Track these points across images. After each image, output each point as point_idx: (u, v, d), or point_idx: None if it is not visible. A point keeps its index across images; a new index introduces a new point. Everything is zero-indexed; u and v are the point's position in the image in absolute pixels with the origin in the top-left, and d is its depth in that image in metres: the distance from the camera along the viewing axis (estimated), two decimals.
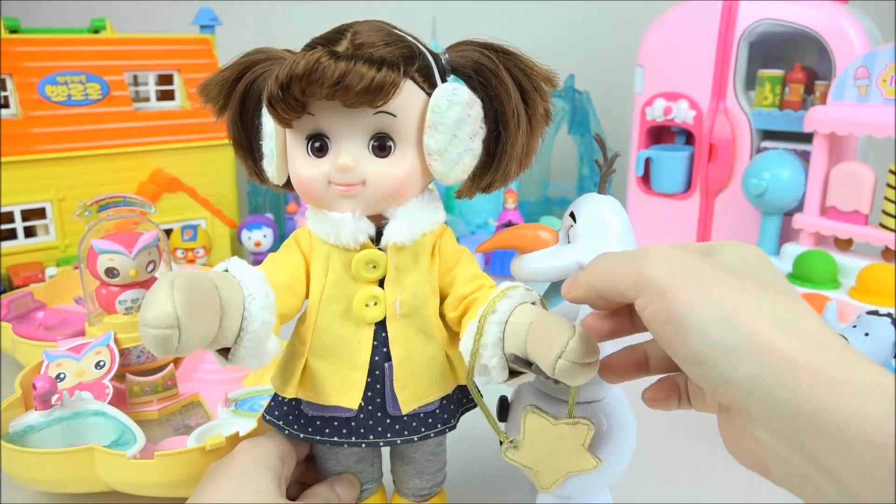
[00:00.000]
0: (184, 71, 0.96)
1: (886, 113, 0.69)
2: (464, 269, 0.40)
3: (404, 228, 0.37)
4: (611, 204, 0.42)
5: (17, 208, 0.83)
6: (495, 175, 0.39)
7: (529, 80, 0.37)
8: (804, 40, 0.81)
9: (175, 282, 0.31)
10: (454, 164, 0.37)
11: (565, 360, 0.32)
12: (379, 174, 0.36)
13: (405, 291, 0.39)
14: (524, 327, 0.35)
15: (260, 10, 1.23)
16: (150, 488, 0.46)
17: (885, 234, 0.70)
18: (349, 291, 0.38)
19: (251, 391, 0.58)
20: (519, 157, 0.39)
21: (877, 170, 0.73)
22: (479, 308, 0.38)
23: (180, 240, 0.88)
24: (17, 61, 0.85)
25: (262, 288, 0.36)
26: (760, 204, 0.81)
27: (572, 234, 0.42)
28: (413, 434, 0.40)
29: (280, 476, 0.40)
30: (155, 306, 0.31)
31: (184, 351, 0.32)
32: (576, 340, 0.32)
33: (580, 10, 1.33)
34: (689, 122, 0.88)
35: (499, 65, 0.37)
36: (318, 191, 0.37)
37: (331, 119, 0.36)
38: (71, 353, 0.54)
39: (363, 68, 0.32)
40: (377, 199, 0.37)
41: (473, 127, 0.37)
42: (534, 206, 1.15)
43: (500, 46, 0.38)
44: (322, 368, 0.40)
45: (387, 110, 0.35)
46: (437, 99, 0.36)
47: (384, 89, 0.33)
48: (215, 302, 0.33)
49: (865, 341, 0.49)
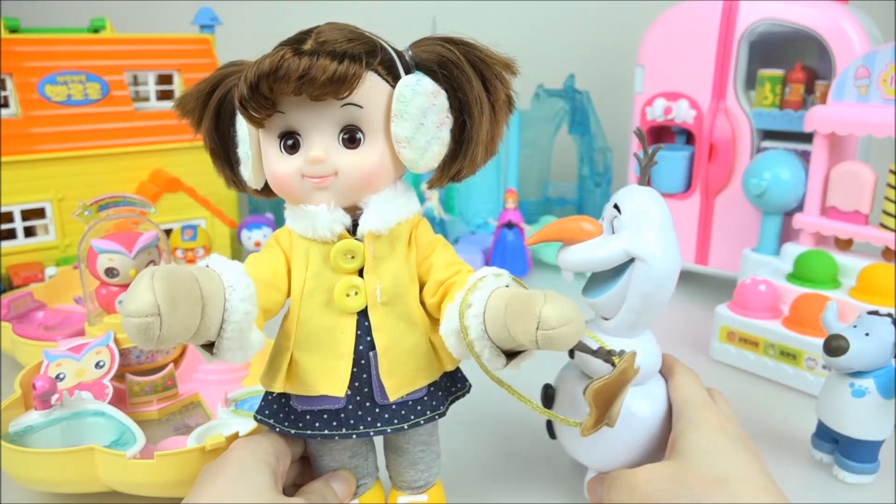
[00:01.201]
0: (184, 71, 0.96)
1: (887, 113, 0.69)
2: (440, 255, 0.41)
3: (379, 217, 0.39)
4: (653, 195, 0.44)
5: (16, 208, 0.83)
6: (463, 162, 0.41)
7: (490, 69, 0.39)
8: (804, 40, 0.81)
9: (155, 273, 0.33)
10: (423, 152, 0.38)
11: (543, 330, 0.32)
12: (350, 164, 0.38)
13: (384, 279, 0.40)
14: (501, 312, 0.35)
15: (260, 10, 1.23)
16: (150, 488, 0.46)
17: (886, 234, 0.70)
18: (330, 283, 0.39)
19: (251, 391, 0.58)
20: (485, 143, 0.40)
21: (877, 170, 0.73)
22: (456, 292, 0.39)
23: (180, 240, 0.88)
24: (17, 61, 0.85)
25: (243, 280, 0.37)
26: (760, 204, 0.81)
27: (617, 224, 0.44)
28: (403, 422, 0.41)
29: (276, 473, 0.40)
30: (136, 296, 0.32)
31: (166, 341, 0.32)
32: (549, 308, 0.33)
33: (580, 10, 1.33)
34: (690, 121, 0.88)
35: (460, 56, 0.38)
36: (292, 185, 0.38)
37: (300, 115, 0.37)
38: (71, 353, 0.54)
39: (325, 61, 0.34)
40: (350, 189, 0.38)
41: (440, 116, 0.38)
42: (534, 206, 1.15)
43: (460, 39, 0.39)
44: (307, 360, 0.40)
45: (353, 102, 0.36)
46: (401, 88, 0.37)
47: (347, 79, 0.35)
48: (196, 293, 0.34)
49: (865, 341, 0.49)
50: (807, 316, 0.65)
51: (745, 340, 0.69)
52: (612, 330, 0.45)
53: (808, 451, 0.55)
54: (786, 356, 0.66)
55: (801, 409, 0.62)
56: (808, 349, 0.64)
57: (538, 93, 1.11)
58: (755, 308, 0.69)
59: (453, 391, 0.45)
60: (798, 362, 0.65)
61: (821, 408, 0.53)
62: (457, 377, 0.45)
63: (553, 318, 0.32)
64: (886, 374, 0.49)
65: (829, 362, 0.50)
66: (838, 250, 0.75)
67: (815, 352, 0.63)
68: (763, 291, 0.69)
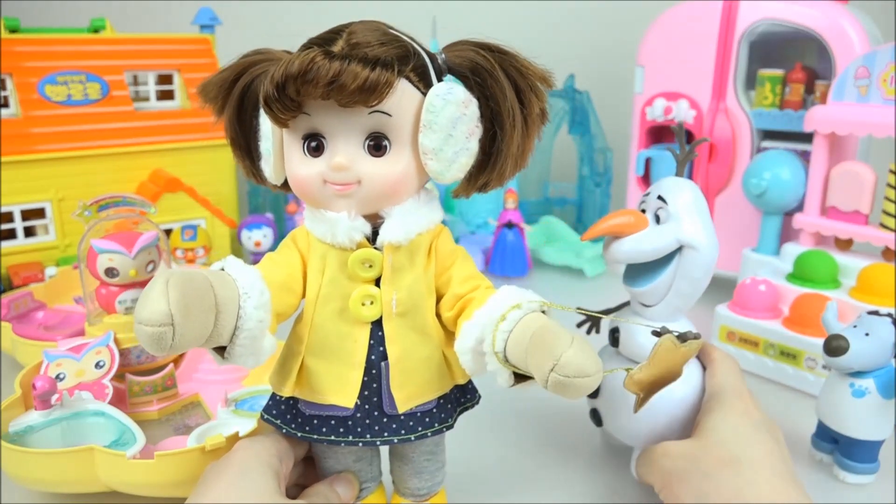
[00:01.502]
0: (184, 71, 0.96)
1: (887, 113, 0.69)
2: (460, 268, 0.40)
3: (400, 228, 0.38)
4: (695, 187, 0.47)
5: (16, 208, 0.83)
6: (491, 175, 0.39)
7: (525, 80, 0.37)
8: (804, 40, 0.81)
9: (170, 279, 0.32)
10: (450, 164, 0.37)
11: (557, 374, 0.31)
12: (374, 173, 0.36)
13: (401, 290, 0.39)
14: (526, 339, 0.35)
15: (260, 10, 1.23)
16: (150, 488, 0.46)
17: (886, 234, 0.70)
18: (345, 290, 0.39)
19: (251, 391, 0.58)
20: (515, 156, 0.39)
21: (877, 170, 0.73)
22: (475, 310, 0.38)
23: (180, 240, 0.88)
24: (17, 61, 0.85)
25: (258, 286, 0.36)
26: (760, 204, 0.81)
27: (663, 214, 0.46)
28: (410, 433, 0.41)
29: (279, 474, 0.40)
30: (150, 304, 0.31)
31: (178, 349, 0.32)
32: (570, 354, 0.31)
33: (580, 10, 1.33)
34: (690, 121, 0.88)
35: (494, 64, 0.37)
36: (314, 190, 0.37)
37: (326, 118, 0.36)
38: (71, 353, 0.54)
39: (357, 67, 0.33)
40: (372, 198, 0.37)
41: (469, 126, 0.37)
42: (534, 206, 1.15)
43: (496, 46, 0.38)
44: (318, 367, 0.40)
45: (382, 109, 0.35)
46: (432, 98, 0.36)
47: (378, 88, 0.33)
48: (210, 300, 0.34)
49: (866, 341, 0.49)
50: (807, 316, 0.65)
51: (745, 340, 0.69)
52: (655, 316, 0.48)
53: (808, 451, 0.55)
54: (786, 356, 0.66)
55: (801, 409, 0.62)
56: (808, 349, 0.64)
57: None
58: (755, 308, 0.69)
59: (462, 402, 0.44)
60: (798, 362, 0.65)
61: (821, 408, 0.53)
62: (467, 388, 0.44)
63: (571, 367, 0.31)
64: (886, 374, 0.49)
65: (829, 362, 0.50)
66: (838, 250, 0.75)
67: (815, 352, 0.63)
68: (763, 291, 0.69)
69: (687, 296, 0.47)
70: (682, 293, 0.46)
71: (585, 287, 0.95)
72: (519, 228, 0.96)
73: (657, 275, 0.46)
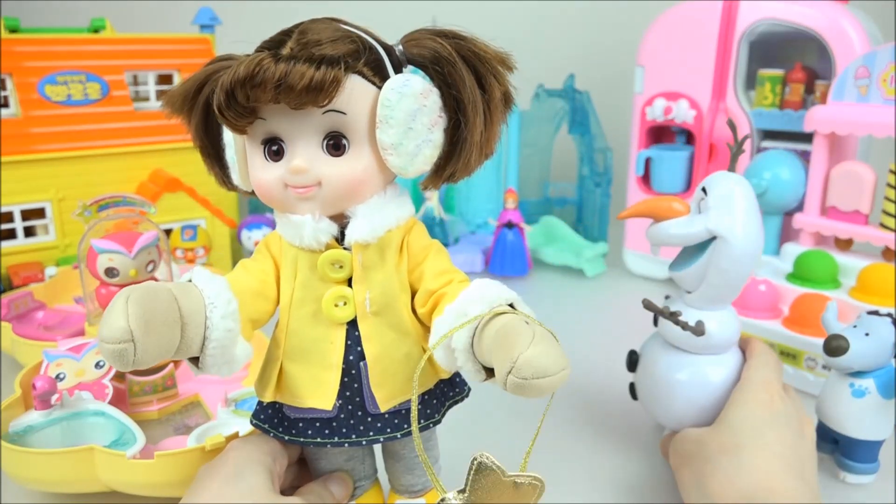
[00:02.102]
0: (184, 71, 0.96)
1: (886, 113, 0.69)
2: (433, 263, 0.40)
3: (366, 226, 0.37)
4: (740, 181, 0.48)
5: (16, 208, 0.83)
6: (457, 165, 0.38)
7: (484, 64, 0.36)
8: (804, 40, 0.81)
9: (130, 296, 0.32)
10: (412, 157, 0.36)
11: (514, 377, 0.30)
12: (334, 174, 0.36)
13: (374, 289, 0.38)
14: (490, 336, 0.34)
15: (260, 10, 1.23)
16: (150, 488, 0.46)
17: (885, 234, 0.70)
18: (318, 293, 0.38)
19: (251, 391, 0.58)
20: (479, 144, 0.37)
21: (877, 170, 0.73)
22: (445, 304, 0.37)
23: (180, 240, 0.88)
24: (17, 61, 0.85)
25: (224, 296, 0.36)
26: (760, 204, 0.80)
27: (703, 205, 0.48)
28: (396, 431, 0.40)
29: (272, 473, 0.40)
30: (110, 321, 0.32)
31: (142, 364, 0.32)
32: (528, 355, 0.30)
33: (580, 10, 1.33)
34: (689, 121, 0.88)
35: (451, 51, 0.36)
36: (276, 194, 0.37)
37: (282, 122, 0.35)
38: (71, 352, 0.54)
39: (303, 68, 0.32)
40: (334, 198, 0.37)
41: (431, 117, 0.36)
42: (534, 206, 1.15)
43: (452, 32, 0.37)
44: (296, 371, 0.40)
45: (335, 108, 0.35)
46: (386, 92, 0.35)
47: (325, 87, 0.33)
48: (173, 312, 0.34)
49: (865, 341, 0.49)
50: (807, 316, 0.65)
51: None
52: (695, 302, 0.50)
53: None
54: (786, 356, 0.66)
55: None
56: (808, 349, 0.64)
57: (538, 93, 1.11)
58: (755, 308, 0.69)
59: (451, 396, 0.44)
60: (798, 362, 0.65)
61: (821, 408, 0.53)
62: (455, 382, 0.44)
63: (527, 368, 0.30)
64: (886, 374, 0.49)
65: (829, 362, 0.50)
66: (838, 250, 0.75)
67: (815, 352, 0.63)
68: (763, 291, 0.69)
69: (717, 286, 0.48)
70: (713, 283, 0.48)
71: (585, 287, 0.95)
72: (519, 228, 0.96)
73: (692, 262, 0.49)
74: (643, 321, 0.59)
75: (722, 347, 0.50)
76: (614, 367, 0.61)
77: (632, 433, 0.59)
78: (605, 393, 0.65)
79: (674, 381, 0.50)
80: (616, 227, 1.04)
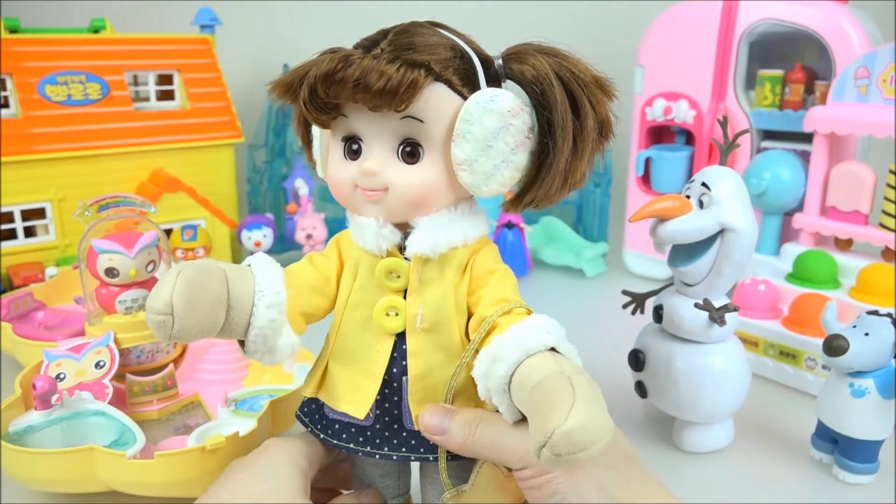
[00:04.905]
0: (184, 71, 0.96)
1: (886, 113, 0.69)
2: (493, 288, 0.38)
3: (426, 240, 0.36)
4: (736, 176, 0.50)
5: (17, 208, 0.83)
6: (538, 192, 0.36)
7: (580, 88, 0.34)
8: (804, 40, 0.81)
9: (182, 271, 0.33)
10: (487, 177, 0.35)
11: (549, 452, 0.29)
12: (402, 181, 0.35)
13: (427, 305, 0.37)
14: (527, 390, 0.32)
15: (260, 10, 1.23)
16: (150, 488, 0.46)
17: (885, 234, 0.70)
18: (373, 298, 0.38)
19: (251, 391, 0.58)
20: (563, 173, 0.35)
21: (877, 170, 0.73)
22: (493, 336, 0.35)
23: (180, 240, 0.88)
24: (17, 61, 0.85)
25: (274, 286, 0.36)
26: (760, 204, 0.81)
27: (706, 200, 0.49)
28: (429, 452, 0.39)
29: (306, 476, 0.39)
30: (157, 292, 0.33)
31: (183, 338, 0.33)
32: (565, 430, 0.28)
33: (580, 10, 1.33)
34: (689, 122, 0.88)
35: (549, 70, 0.34)
36: (346, 193, 0.37)
37: (362, 122, 0.35)
38: (71, 353, 0.54)
39: (383, 69, 0.31)
40: (399, 206, 0.36)
41: (517, 137, 0.35)
42: None
43: (553, 49, 0.35)
44: (339, 372, 0.39)
45: (413, 115, 0.34)
46: (469, 106, 0.34)
47: (400, 91, 0.32)
48: (221, 295, 0.34)
49: (865, 341, 0.49)
50: (807, 316, 0.65)
51: (745, 340, 0.69)
52: (697, 295, 0.52)
53: (808, 451, 0.55)
54: (786, 356, 0.66)
55: (801, 409, 0.62)
56: (808, 349, 0.64)
57: None
58: (755, 308, 0.69)
59: None
60: (798, 362, 0.65)
61: (821, 408, 0.53)
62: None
63: (563, 444, 0.28)
64: (886, 374, 0.49)
65: (829, 362, 0.50)
66: (838, 250, 0.75)
67: (815, 352, 0.63)
68: (763, 291, 0.69)
69: (727, 276, 0.50)
70: (723, 273, 0.50)
71: (585, 287, 0.95)
72: (519, 228, 0.96)
73: (699, 256, 0.50)
74: (643, 321, 0.59)
75: (723, 336, 0.53)
76: (615, 366, 0.61)
77: (636, 431, 0.59)
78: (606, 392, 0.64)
79: (698, 372, 0.52)
80: (616, 227, 1.04)
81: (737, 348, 0.54)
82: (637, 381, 0.57)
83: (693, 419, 0.55)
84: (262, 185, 1.03)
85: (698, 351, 0.53)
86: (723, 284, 0.51)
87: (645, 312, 0.59)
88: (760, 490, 0.52)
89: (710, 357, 0.52)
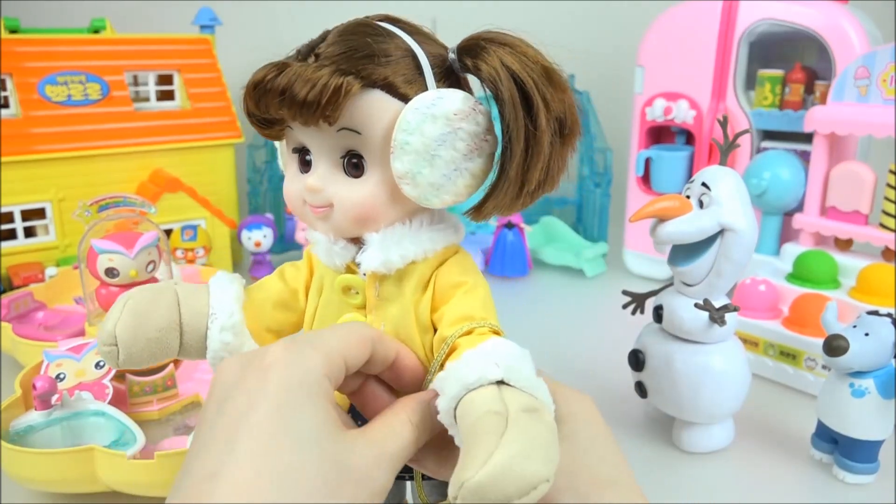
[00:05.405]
0: (184, 71, 0.96)
1: (886, 113, 0.69)
2: (456, 305, 0.33)
3: (378, 256, 0.33)
4: (736, 176, 0.50)
5: (16, 208, 0.83)
6: (496, 200, 0.32)
7: (529, 81, 0.30)
8: (804, 40, 0.81)
9: (129, 301, 0.33)
10: (437, 189, 0.31)
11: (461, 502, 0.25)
12: (345, 196, 0.32)
13: (388, 322, 0.34)
14: (465, 425, 0.28)
15: (260, 10, 1.23)
16: (150, 488, 0.46)
17: (885, 234, 0.70)
18: (337, 314, 0.36)
19: None
20: (518, 179, 0.31)
21: (877, 170, 0.73)
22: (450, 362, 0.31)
23: (180, 240, 0.88)
24: (17, 61, 0.85)
25: (227, 307, 0.34)
26: (760, 204, 0.81)
27: (706, 200, 0.50)
28: (404, 472, 0.35)
29: (333, 402, 0.28)
30: (104, 322, 0.33)
31: (130, 366, 0.34)
32: (477, 482, 0.24)
33: (580, 10, 1.33)
34: (689, 122, 0.88)
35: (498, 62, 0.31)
36: (297, 208, 0.35)
37: (305, 134, 0.33)
38: (71, 353, 0.54)
39: (311, 75, 0.29)
40: (345, 222, 0.33)
41: (469, 142, 0.31)
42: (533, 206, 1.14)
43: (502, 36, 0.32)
44: None
45: (348, 126, 0.31)
46: (406, 113, 0.30)
47: (322, 102, 0.29)
48: (171, 321, 0.34)
49: (865, 341, 0.49)
50: (807, 316, 0.65)
51: (745, 340, 0.69)
52: (696, 294, 0.52)
53: (808, 451, 0.55)
54: (786, 356, 0.66)
55: (801, 409, 0.62)
56: (808, 349, 0.64)
57: None
58: (755, 308, 0.69)
59: None
60: (798, 362, 0.65)
61: (821, 408, 0.53)
62: None
63: (470, 498, 0.24)
64: (886, 374, 0.49)
65: (829, 362, 0.50)
66: (838, 250, 0.75)
67: (815, 352, 0.63)
68: (763, 291, 0.69)
69: (727, 275, 0.50)
70: (723, 273, 0.50)
71: (585, 287, 0.95)
72: (519, 228, 0.96)
73: (699, 255, 0.50)
74: (643, 321, 0.59)
75: (723, 337, 0.53)
76: (615, 367, 0.61)
77: (635, 431, 0.59)
78: (606, 393, 0.65)
79: (698, 373, 0.52)
80: (616, 227, 1.04)
81: (737, 348, 0.54)
82: (637, 381, 0.57)
83: (693, 419, 0.55)
84: (262, 185, 1.04)
85: (698, 351, 0.53)
86: (723, 284, 0.51)
87: (645, 312, 0.59)
88: (760, 490, 0.52)
89: (710, 357, 0.52)
